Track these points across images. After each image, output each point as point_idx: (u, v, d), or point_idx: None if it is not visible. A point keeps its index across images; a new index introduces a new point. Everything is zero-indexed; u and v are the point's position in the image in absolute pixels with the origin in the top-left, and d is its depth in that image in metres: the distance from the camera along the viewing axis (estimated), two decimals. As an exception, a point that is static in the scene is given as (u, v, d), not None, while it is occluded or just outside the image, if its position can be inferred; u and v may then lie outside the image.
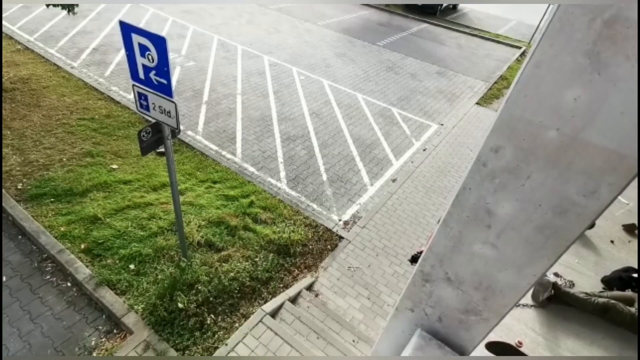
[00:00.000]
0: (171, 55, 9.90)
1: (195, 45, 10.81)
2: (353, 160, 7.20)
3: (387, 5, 18.36)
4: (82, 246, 4.58)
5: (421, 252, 5.19)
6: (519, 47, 15.12)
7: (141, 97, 2.95)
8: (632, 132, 1.02)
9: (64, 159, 5.85)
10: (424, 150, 7.84)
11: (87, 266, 4.40)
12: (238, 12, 14.32)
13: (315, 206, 6.05)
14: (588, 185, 1.15)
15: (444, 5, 18.28)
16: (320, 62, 11.14)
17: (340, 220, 5.88)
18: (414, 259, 5.27)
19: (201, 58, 10.13)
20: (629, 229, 4.28)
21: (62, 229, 4.76)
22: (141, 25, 11.51)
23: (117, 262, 4.46)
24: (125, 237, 4.73)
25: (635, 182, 1.27)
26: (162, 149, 4.07)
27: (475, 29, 16.94)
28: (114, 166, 5.92)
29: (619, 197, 4.70)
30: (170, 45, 10.51)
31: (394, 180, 6.87)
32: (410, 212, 6.17)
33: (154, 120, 3.10)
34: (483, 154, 1.37)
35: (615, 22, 0.94)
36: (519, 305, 3.29)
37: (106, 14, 11.74)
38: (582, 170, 1.14)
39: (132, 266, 4.43)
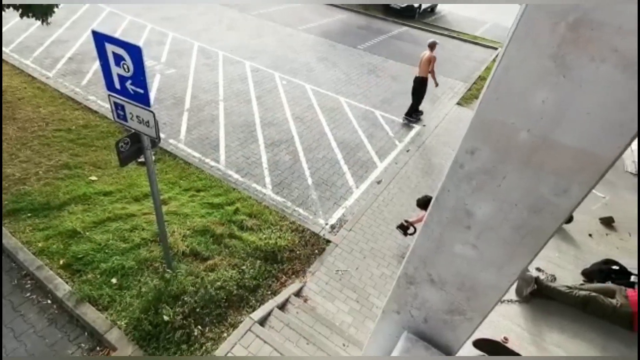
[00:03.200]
0: (150, 63, 9.77)
1: (176, 52, 10.69)
2: (338, 164, 7.22)
3: (366, 8, 18.55)
4: (61, 262, 4.44)
5: (407, 222, 5.28)
6: (495, 48, 15.50)
7: (118, 107, 2.89)
8: (598, 131, 1.05)
9: (41, 172, 5.68)
10: (408, 151, 7.93)
11: (66, 282, 4.27)
12: (218, 18, 14.24)
13: (301, 211, 6.03)
14: (560, 184, 1.18)
15: (422, 8, 18.59)
16: (302, 67, 11.16)
17: (326, 224, 5.88)
18: (401, 227, 5.36)
19: (182, 65, 10.02)
20: (605, 222, 4.41)
21: (40, 244, 4.61)
22: (118, 33, 11.35)
23: (98, 276, 4.34)
24: (107, 251, 4.61)
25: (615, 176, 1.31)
26: (143, 159, 3.99)
27: (454, 30, 17.28)
28: (93, 177, 5.78)
29: (595, 191, 4.86)
30: (149, 52, 10.37)
31: (379, 182, 6.91)
32: (396, 213, 6.21)
33: (133, 130, 3.04)
34: (460, 156, 1.39)
35: (579, 25, 0.97)
36: (503, 302, 3.34)
37: (82, 23, 11.50)
38: (554, 170, 1.17)
39: (114, 280, 4.32)
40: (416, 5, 17.92)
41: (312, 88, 9.94)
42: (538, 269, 3.64)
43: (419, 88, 8.71)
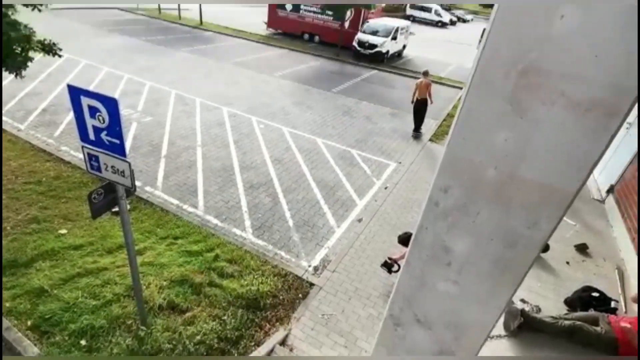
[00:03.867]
0: (127, 112, 9.79)
1: (153, 101, 10.79)
2: (318, 204, 7.23)
3: (337, 54, 19.59)
4: (29, 323, 4.12)
5: (391, 259, 5.20)
6: (460, 88, 16.52)
7: (92, 158, 2.85)
8: (558, 167, 1.12)
9: (8, 228, 5.39)
10: (386, 188, 8.06)
11: (35, 345, 3.93)
12: (195, 68, 14.63)
13: (283, 254, 5.91)
14: (530, 217, 1.23)
15: (390, 53, 19.83)
16: (278, 111, 11.45)
17: (309, 266, 5.76)
18: (385, 265, 5.27)
19: (159, 113, 10.09)
20: (580, 248, 4.55)
21: (7, 304, 4.29)
22: (95, 84, 11.42)
23: (67, 338, 4.02)
24: (75, 310, 4.31)
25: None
26: (117, 209, 3.87)
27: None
28: (63, 231, 5.53)
29: (566, 219, 5.03)
30: (126, 102, 10.43)
31: (359, 221, 6.93)
32: (378, 250, 6.18)
33: (107, 181, 2.98)
34: (434, 194, 1.43)
35: (528, 73, 1.06)
36: (492, 337, 3.30)
37: (57, 75, 11.54)
38: (523, 204, 1.22)
39: (83, 342, 4.00)
40: (384, 51, 19.10)
41: (289, 130, 10.15)
42: (522, 300, 3.65)
43: (422, 108, 10.70)
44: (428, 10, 44.52)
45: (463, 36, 33.67)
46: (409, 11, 44.04)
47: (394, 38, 19.82)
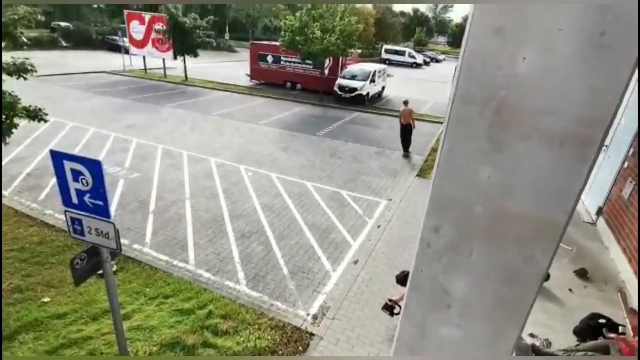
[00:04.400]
0: (113, 170, 9.76)
1: (139, 157, 10.82)
2: (312, 248, 7.09)
3: (320, 100, 20.30)
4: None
5: (392, 300, 4.99)
6: (441, 122, 17.12)
7: (74, 222, 2.77)
8: (544, 199, 1.13)
9: (-15, 301, 5.09)
10: (379, 226, 8.01)
11: None
12: (181, 122, 14.90)
13: (279, 304, 5.68)
14: (524, 252, 1.21)
15: (370, 95, 20.67)
16: (266, 157, 11.58)
17: (308, 315, 5.53)
18: (386, 307, 5.09)
19: (146, 168, 10.08)
20: (580, 274, 4.49)
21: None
22: (81, 144, 11.47)
23: (47, 421, 3.67)
24: (58, 386, 3.98)
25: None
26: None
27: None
28: (46, 299, 5.25)
29: (562, 245, 5.01)
30: (112, 159, 10.43)
31: (355, 262, 6.78)
32: (377, 292, 6.00)
33: (91, 244, 2.88)
34: (425, 235, 1.41)
35: (502, 111, 1.09)
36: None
37: (43, 139, 11.57)
38: (515, 239, 1.20)
39: (66, 423, 3.65)
40: (364, 93, 19.91)
41: (277, 176, 10.20)
42: (531, 335, 3.52)
43: (407, 131, 12.63)
44: (402, 53, 47.21)
45: (437, 74, 35.49)
46: (384, 55, 46.67)
47: (373, 81, 20.77)
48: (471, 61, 1.11)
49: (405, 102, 12.70)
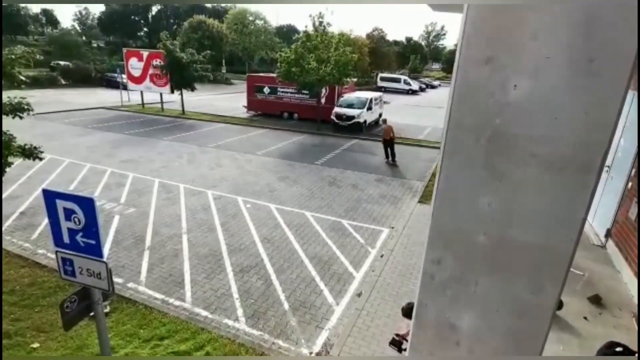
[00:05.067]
0: (109, 205, 9.73)
1: (136, 192, 10.82)
2: (313, 281, 6.94)
3: (318, 129, 20.62)
4: None
5: (399, 335, 4.77)
6: (439, 148, 17.31)
7: (65, 262, 2.72)
8: (548, 226, 1.11)
9: (-30, 349, 4.91)
10: (382, 256, 7.88)
11: None
12: (178, 155, 15.04)
13: (281, 342, 5.48)
14: (532, 283, 1.17)
15: (367, 122, 21.02)
16: (264, 188, 11.58)
17: (311, 353, 5.32)
18: (394, 343, 4.82)
19: (142, 203, 10.05)
20: (594, 300, 4.37)
21: None
22: (77, 181, 11.51)
23: None
24: None
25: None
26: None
27: (399, 137, 19.32)
28: (35, 345, 5.07)
29: (573, 270, 4.92)
30: (108, 195, 10.43)
31: (359, 295, 6.62)
32: (383, 326, 5.81)
33: (82, 285, 2.82)
34: (427, 267, 1.37)
35: (497, 138, 1.10)
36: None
37: (38, 177, 11.62)
38: (522, 269, 1.17)
39: None
40: (361, 121, 20.26)
41: (276, 207, 10.16)
42: (547, 368, 3.37)
43: (389, 144, 14.93)
44: (397, 80, 48.51)
45: (433, 100, 36.28)
46: (380, 83, 47.92)
47: (370, 108, 21.19)
48: (463, 90, 1.13)
49: (384, 121, 15.48)
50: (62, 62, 40.11)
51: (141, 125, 20.74)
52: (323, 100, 22.09)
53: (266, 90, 24.28)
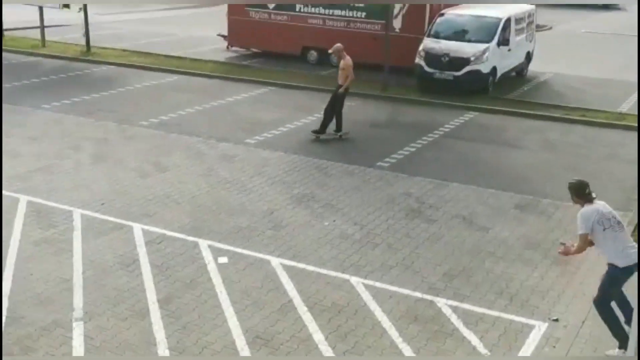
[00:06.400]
0: None
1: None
2: None
3: (385, 89, 20.59)
4: None
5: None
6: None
7: None
8: None
9: None
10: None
11: None
12: (73, 142, 15.71)
13: None
14: None
15: (500, 72, 20.79)
16: (259, 221, 11.66)
17: None
18: None
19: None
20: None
21: None
22: None
23: None
24: None
25: None
26: None
27: (568, 108, 18.90)
28: None
29: None
30: None
31: None
32: None
33: None
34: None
35: None
36: None
37: None
38: None
39: None
40: (484, 70, 20.00)
41: (285, 264, 10.15)
42: None
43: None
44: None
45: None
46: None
47: (505, 41, 20.89)
48: None
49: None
50: None
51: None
52: (398, 25, 22.06)
53: (271, 4, 24.59)
